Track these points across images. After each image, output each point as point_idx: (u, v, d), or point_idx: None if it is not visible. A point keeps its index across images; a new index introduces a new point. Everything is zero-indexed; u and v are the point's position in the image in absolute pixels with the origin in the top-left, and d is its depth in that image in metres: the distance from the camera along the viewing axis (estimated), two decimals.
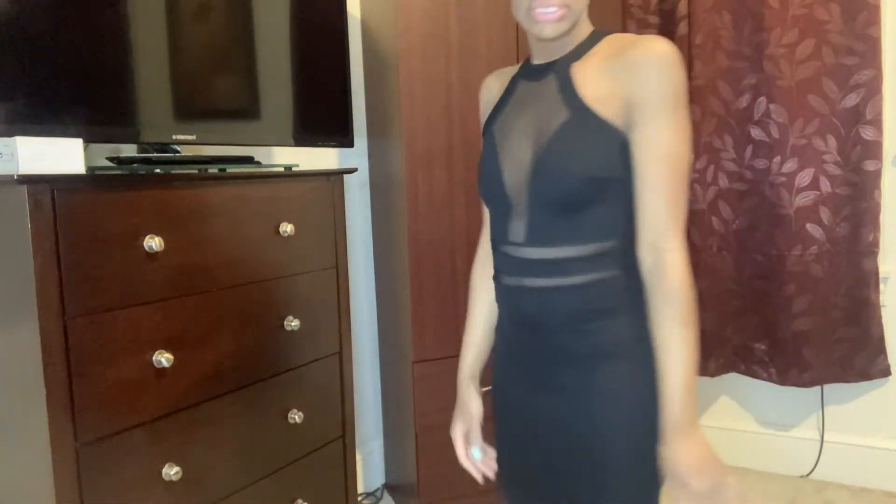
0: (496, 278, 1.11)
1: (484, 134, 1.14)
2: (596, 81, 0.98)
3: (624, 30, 2.53)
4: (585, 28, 1.05)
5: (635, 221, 0.98)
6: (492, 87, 1.18)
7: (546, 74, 1.05)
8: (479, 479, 1.19)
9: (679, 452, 0.91)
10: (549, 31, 0.98)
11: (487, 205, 1.11)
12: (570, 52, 1.03)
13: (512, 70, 1.16)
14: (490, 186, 1.08)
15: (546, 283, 1.02)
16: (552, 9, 0.96)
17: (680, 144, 0.94)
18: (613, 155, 0.96)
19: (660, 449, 0.95)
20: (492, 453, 1.22)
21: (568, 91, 1.00)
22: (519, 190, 1.04)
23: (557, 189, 0.98)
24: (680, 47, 2.39)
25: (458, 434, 1.21)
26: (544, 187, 1.00)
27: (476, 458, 1.19)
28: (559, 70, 1.03)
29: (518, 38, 2.13)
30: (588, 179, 0.96)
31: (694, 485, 0.90)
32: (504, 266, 1.07)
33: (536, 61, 1.08)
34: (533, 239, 1.02)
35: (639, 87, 0.93)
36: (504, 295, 1.09)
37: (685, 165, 0.95)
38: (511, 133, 1.07)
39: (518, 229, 1.04)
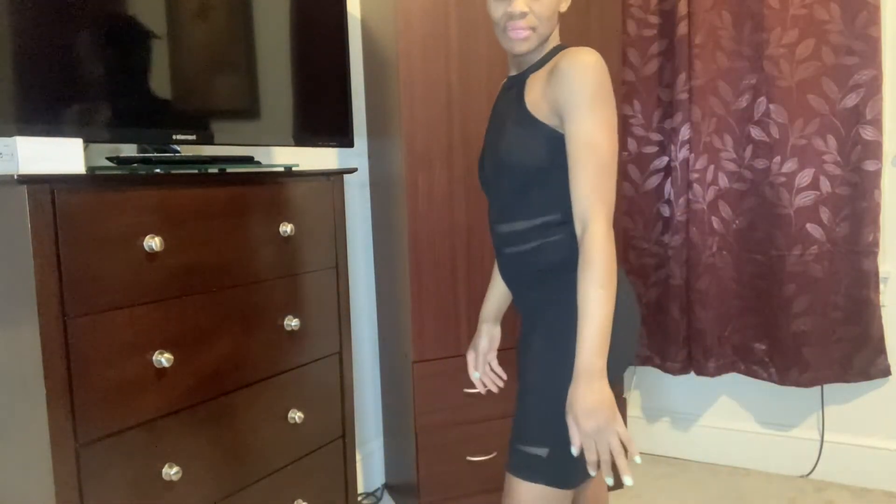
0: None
1: None
2: (536, 89, 1.21)
3: (624, 30, 2.53)
4: (551, 44, 1.27)
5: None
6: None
7: (513, 85, 1.29)
8: (482, 391, 1.52)
9: (578, 394, 1.09)
10: (518, 47, 1.21)
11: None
12: (532, 66, 1.27)
13: None
14: (481, 177, 1.38)
15: (514, 249, 1.29)
16: (521, 30, 1.19)
17: (600, 135, 1.13)
18: (546, 148, 1.18)
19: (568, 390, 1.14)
20: (500, 373, 1.52)
21: (519, 98, 1.24)
22: (489, 178, 1.31)
23: (507, 176, 1.24)
24: (680, 47, 2.40)
25: (469, 359, 1.52)
26: (500, 175, 1.26)
27: (475, 377, 1.51)
28: (520, 81, 1.27)
29: None
30: (528, 168, 1.20)
31: (583, 424, 1.08)
32: (493, 240, 1.36)
33: (511, 73, 1.33)
34: (500, 217, 1.30)
35: (561, 91, 1.14)
36: (498, 263, 1.37)
37: (607, 153, 1.13)
38: (490, 134, 1.33)
39: (494, 210, 1.32)
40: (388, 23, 2.06)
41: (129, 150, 1.64)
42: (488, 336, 1.51)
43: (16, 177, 1.08)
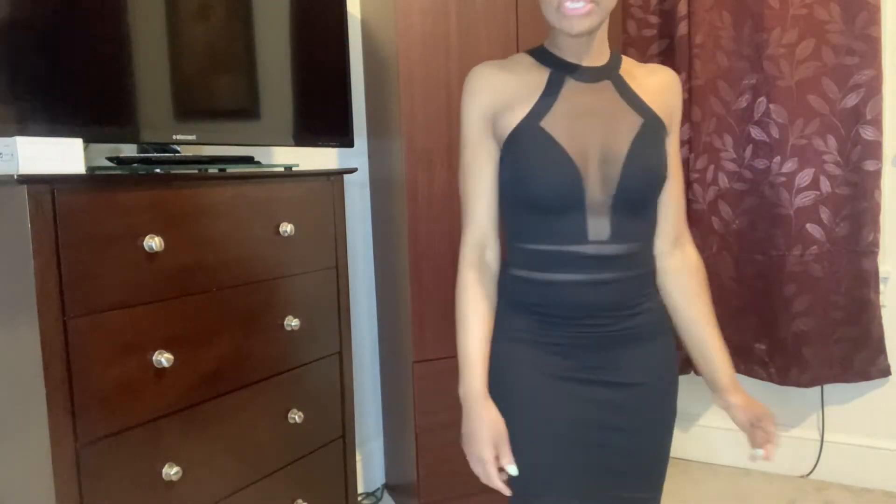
0: (551, 277, 1.09)
1: (523, 129, 1.06)
2: (649, 92, 1.11)
3: (624, 30, 2.53)
4: (607, 41, 1.12)
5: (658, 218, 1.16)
6: (497, 79, 1.09)
7: (598, 78, 1.10)
8: (508, 492, 1.08)
9: (752, 400, 1.17)
10: (578, 26, 1.00)
11: (546, 204, 1.06)
12: (610, 62, 1.11)
13: (525, 62, 1.12)
14: (560, 187, 1.04)
15: (619, 275, 1.09)
16: (580, 4, 0.98)
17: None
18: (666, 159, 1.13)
19: (725, 398, 1.19)
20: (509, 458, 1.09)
21: (633, 98, 1.09)
22: (603, 190, 1.05)
23: (644, 189, 1.08)
24: (680, 47, 2.40)
25: (489, 455, 1.06)
26: (633, 188, 1.06)
27: (514, 473, 1.06)
28: (611, 76, 1.10)
29: (518, 38, 2.13)
30: (662, 179, 1.10)
31: (747, 425, 1.17)
32: (571, 263, 1.07)
33: (572, 60, 1.09)
34: (616, 236, 1.07)
35: (675, 103, 1.14)
36: (566, 291, 1.09)
37: None
38: (578, 134, 1.05)
39: (601, 228, 1.06)
40: (388, 22, 2.06)
41: (129, 150, 1.64)
42: (500, 415, 1.09)
43: (16, 177, 1.08)
